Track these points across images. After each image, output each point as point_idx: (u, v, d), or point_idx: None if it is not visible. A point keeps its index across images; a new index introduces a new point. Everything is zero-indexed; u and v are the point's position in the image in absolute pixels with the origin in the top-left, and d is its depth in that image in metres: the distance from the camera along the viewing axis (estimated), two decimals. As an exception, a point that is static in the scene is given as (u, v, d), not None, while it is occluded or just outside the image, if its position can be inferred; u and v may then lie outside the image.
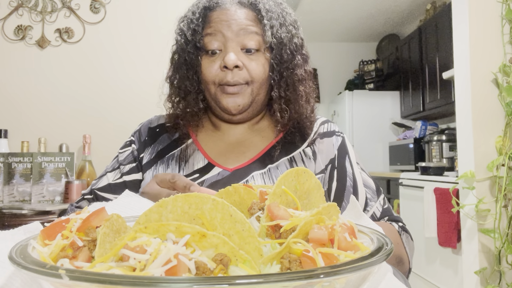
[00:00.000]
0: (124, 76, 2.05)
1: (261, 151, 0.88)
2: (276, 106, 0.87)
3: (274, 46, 0.83)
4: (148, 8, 2.08)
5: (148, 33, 2.06)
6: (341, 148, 0.90)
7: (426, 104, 3.88)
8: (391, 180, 3.66)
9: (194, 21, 0.84)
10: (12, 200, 1.77)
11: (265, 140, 0.90)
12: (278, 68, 0.84)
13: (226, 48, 0.81)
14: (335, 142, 0.91)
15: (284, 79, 0.85)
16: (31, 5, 2.01)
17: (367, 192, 0.87)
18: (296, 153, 0.88)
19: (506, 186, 1.80)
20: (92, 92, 2.04)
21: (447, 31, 3.25)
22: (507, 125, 1.88)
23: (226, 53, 0.81)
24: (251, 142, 0.90)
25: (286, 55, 0.84)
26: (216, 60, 0.82)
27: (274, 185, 0.43)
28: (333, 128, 0.93)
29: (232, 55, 0.80)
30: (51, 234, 0.37)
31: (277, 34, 0.83)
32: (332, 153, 0.89)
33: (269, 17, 0.83)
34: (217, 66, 0.82)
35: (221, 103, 0.83)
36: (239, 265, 0.31)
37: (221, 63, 0.81)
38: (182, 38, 0.86)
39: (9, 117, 1.99)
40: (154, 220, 0.35)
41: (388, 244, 0.35)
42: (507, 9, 1.89)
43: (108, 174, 0.91)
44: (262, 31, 0.83)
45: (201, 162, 0.87)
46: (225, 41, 0.81)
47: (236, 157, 0.88)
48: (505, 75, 1.88)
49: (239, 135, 0.91)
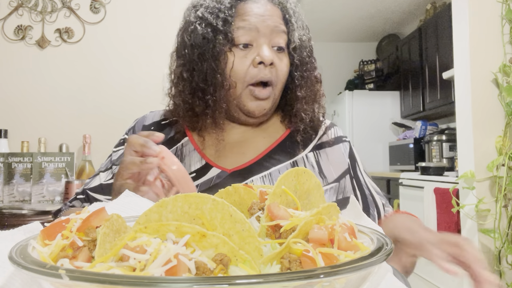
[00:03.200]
0: (124, 76, 2.05)
1: (262, 153, 0.85)
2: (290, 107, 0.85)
3: (297, 47, 0.82)
4: (148, 8, 2.08)
5: (148, 33, 2.06)
6: (350, 156, 0.89)
7: (426, 104, 3.88)
8: (391, 180, 3.66)
9: (222, 10, 0.78)
10: (12, 200, 1.77)
11: (266, 141, 0.87)
12: (300, 69, 0.83)
13: (258, 43, 0.78)
14: (344, 149, 0.89)
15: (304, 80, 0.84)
16: (31, 5, 2.01)
17: (380, 198, 0.87)
18: (299, 157, 0.85)
19: (506, 186, 1.80)
20: (92, 92, 2.04)
21: (447, 31, 3.25)
22: (507, 125, 1.88)
23: (260, 49, 0.77)
24: (251, 143, 0.87)
25: (306, 57, 0.84)
26: (247, 55, 0.78)
27: (274, 185, 0.43)
28: (339, 133, 0.91)
29: (268, 51, 0.77)
30: (51, 234, 0.37)
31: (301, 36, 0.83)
32: (345, 162, 0.87)
33: (296, 18, 0.83)
34: (249, 61, 0.78)
35: (247, 105, 0.80)
36: (239, 265, 0.31)
37: (255, 58, 0.77)
38: (204, 28, 0.78)
39: (9, 117, 1.99)
40: (154, 220, 0.35)
41: (388, 244, 0.35)
42: (507, 9, 1.90)
43: (101, 174, 0.87)
44: (289, 31, 0.81)
45: (198, 162, 0.84)
46: (258, 36, 0.78)
47: (235, 158, 0.84)
48: (505, 75, 1.88)
49: (239, 134, 0.87)
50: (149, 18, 2.07)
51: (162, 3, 2.08)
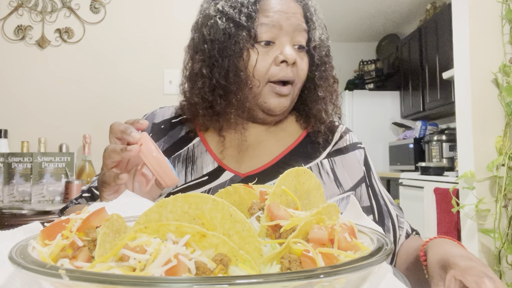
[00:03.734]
0: (124, 76, 2.05)
1: (276, 157, 0.82)
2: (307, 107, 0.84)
3: (317, 46, 0.81)
4: (147, 8, 2.08)
5: (148, 33, 2.06)
6: (366, 164, 0.87)
7: (426, 104, 3.88)
8: (391, 180, 3.66)
9: (245, 5, 0.74)
10: (12, 200, 1.77)
11: (280, 144, 0.84)
12: (319, 69, 0.82)
13: (281, 41, 0.76)
14: (359, 156, 0.86)
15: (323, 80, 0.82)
16: (31, 5, 2.01)
17: (394, 209, 0.84)
18: (313, 164, 0.82)
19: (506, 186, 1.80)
20: (92, 92, 2.04)
21: (447, 31, 3.25)
22: (507, 125, 1.88)
23: (282, 47, 0.75)
24: (265, 145, 0.83)
25: (325, 57, 0.83)
26: (269, 52, 0.76)
27: (274, 185, 0.43)
28: (355, 140, 0.89)
29: (291, 50, 0.75)
30: (51, 234, 0.37)
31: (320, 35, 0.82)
32: (361, 170, 0.84)
33: (316, 17, 0.82)
34: (271, 59, 0.75)
35: (268, 102, 0.77)
36: (239, 265, 0.31)
37: (277, 56, 0.75)
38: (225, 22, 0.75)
39: (9, 117, 1.99)
40: (154, 220, 0.35)
41: (388, 244, 0.35)
42: (507, 9, 1.89)
43: None
44: (309, 29, 0.80)
45: (211, 165, 0.80)
46: (280, 34, 0.76)
47: (249, 161, 0.81)
48: (505, 75, 1.88)
49: (253, 136, 0.83)
50: (149, 18, 2.07)
51: (162, 3, 2.08)
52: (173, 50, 2.01)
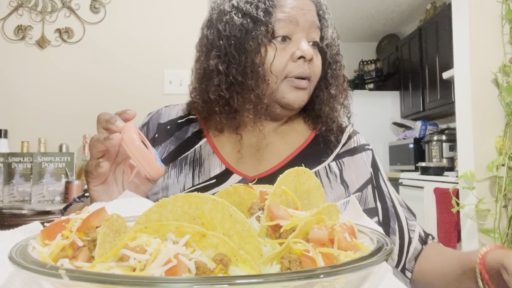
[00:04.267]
0: (124, 76, 2.05)
1: (285, 159, 0.81)
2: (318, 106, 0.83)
3: (329, 44, 0.81)
4: (148, 8, 2.08)
5: (148, 33, 2.06)
6: (373, 165, 0.86)
7: (426, 104, 3.88)
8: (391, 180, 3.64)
9: (262, 1, 0.74)
10: (12, 200, 1.77)
11: (288, 146, 0.83)
12: (331, 67, 0.82)
13: (297, 37, 0.75)
14: (367, 158, 0.85)
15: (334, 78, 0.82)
16: (31, 5, 2.01)
17: (404, 211, 0.83)
18: (321, 167, 0.81)
19: (506, 186, 1.80)
20: (92, 92, 2.04)
21: (447, 31, 3.25)
22: (507, 125, 1.88)
23: (299, 43, 0.75)
24: (273, 147, 0.82)
25: (336, 55, 0.83)
26: (286, 48, 0.75)
27: (274, 185, 0.43)
28: (362, 142, 0.88)
29: (308, 45, 0.74)
30: (51, 234, 0.37)
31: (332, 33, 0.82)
32: (368, 172, 0.84)
33: (328, 15, 0.82)
34: (288, 55, 0.74)
35: (286, 97, 0.75)
36: (239, 265, 0.31)
37: (295, 52, 0.74)
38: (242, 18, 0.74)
39: (9, 117, 1.99)
40: (154, 220, 0.35)
41: (388, 244, 0.35)
42: (507, 9, 1.90)
43: None
44: (322, 27, 0.80)
45: (218, 167, 0.78)
46: (296, 30, 0.75)
47: (256, 164, 0.80)
48: (505, 75, 1.88)
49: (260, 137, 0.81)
50: (149, 18, 2.07)
51: (162, 3, 2.08)
52: (173, 50, 2.01)
